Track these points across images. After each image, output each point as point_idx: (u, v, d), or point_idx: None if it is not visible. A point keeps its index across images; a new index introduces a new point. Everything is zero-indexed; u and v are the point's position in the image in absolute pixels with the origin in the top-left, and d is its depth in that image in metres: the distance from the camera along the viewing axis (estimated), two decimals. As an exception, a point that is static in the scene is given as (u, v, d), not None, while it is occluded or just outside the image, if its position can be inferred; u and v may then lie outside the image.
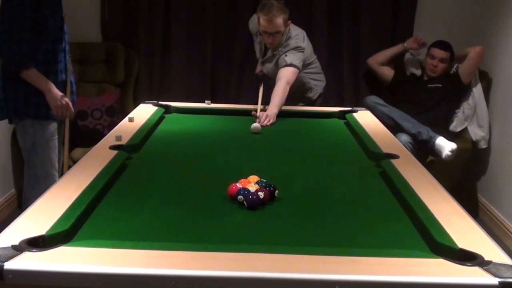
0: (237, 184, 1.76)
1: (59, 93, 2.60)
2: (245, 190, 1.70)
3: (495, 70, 3.91)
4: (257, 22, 3.31)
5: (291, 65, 3.23)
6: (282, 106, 3.11)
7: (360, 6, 4.20)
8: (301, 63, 3.29)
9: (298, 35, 3.36)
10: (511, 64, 3.66)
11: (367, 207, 1.78)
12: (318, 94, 3.71)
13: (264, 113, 2.96)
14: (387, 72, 4.10)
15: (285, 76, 3.20)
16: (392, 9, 4.25)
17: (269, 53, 3.46)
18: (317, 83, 3.69)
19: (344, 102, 4.17)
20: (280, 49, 3.32)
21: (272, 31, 3.20)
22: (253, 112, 3.06)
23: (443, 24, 4.25)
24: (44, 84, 2.56)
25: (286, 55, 3.28)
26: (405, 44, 4.06)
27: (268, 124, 2.91)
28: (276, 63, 3.36)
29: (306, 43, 3.40)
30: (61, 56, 2.66)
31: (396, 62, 4.17)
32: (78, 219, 1.50)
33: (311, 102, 3.66)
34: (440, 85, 3.88)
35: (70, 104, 2.66)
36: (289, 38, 3.31)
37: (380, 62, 4.11)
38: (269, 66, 3.49)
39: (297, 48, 3.30)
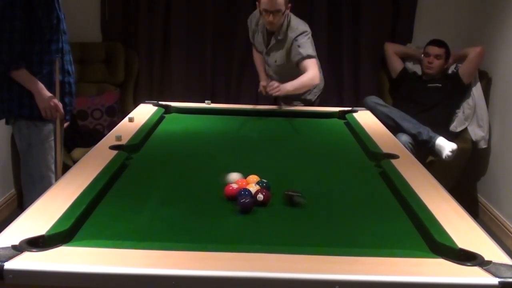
0: (233, 185, 1.76)
1: (48, 94, 2.56)
2: (245, 190, 1.70)
3: (495, 70, 3.91)
4: (257, 12, 3.34)
5: (308, 57, 3.26)
6: (295, 91, 3.21)
7: (360, 6, 4.21)
8: (314, 50, 3.33)
9: (300, 22, 3.40)
10: (511, 64, 3.66)
11: (367, 207, 1.78)
12: (316, 96, 3.71)
13: (276, 83, 2.98)
14: (397, 64, 4.10)
15: (313, 70, 3.24)
16: (392, 9, 4.25)
17: (273, 41, 3.43)
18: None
19: (344, 102, 4.17)
20: (288, 33, 3.32)
21: (273, 9, 3.20)
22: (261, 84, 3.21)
23: (443, 24, 4.25)
24: (33, 85, 2.53)
25: (299, 46, 3.27)
26: (422, 55, 3.98)
27: (273, 93, 2.96)
28: (287, 50, 3.35)
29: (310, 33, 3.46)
30: (57, 57, 2.62)
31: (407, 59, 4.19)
32: (78, 219, 1.50)
33: (310, 104, 3.66)
34: (440, 85, 3.88)
35: (60, 106, 2.62)
36: (292, 22, 3.34)
37: (396, 51, 4.12)
38: (276, 55, 3.45)
39: (305, 33, 3.32)
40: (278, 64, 3.46)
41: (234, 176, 1.86)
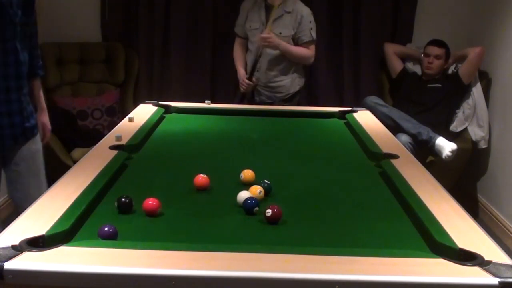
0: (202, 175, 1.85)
1: None
2: (252, 199, 1.67)
3: (495, 70, 3.91)
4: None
5: (314, 41, 3.63)
6: (288, 53, 3.56)
7: (360, 6, 4.21)
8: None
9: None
10: (511, 64, 3.66)
11: (367, 207, 1.78)
12: (296, 91, 3.75)
13: (271, 35, 3.44)
14: (397, 64, 4.10)
15: (313, 52, 3.66)
16: (392, 9, 4.25)
17: (279, 12, 3.55)
18: (296, 76, 3.75)
19: (344, 102, 4.17)
20: (297, 7, 3.58)
21: None
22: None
23: (443, 24, 4.25)
24: None
25: (311, 29, 3.59)
26: (422, 56, 3.99)
27: (265, 39, 3.42)
28: (297, 22, 3.56)
29: None
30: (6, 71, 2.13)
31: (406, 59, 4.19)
32: (78, 219, 1.50)
33: (286, 99, 3.73)
34: (440, 85, 3.88)
35: None
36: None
37: (395, 51, 4.12)
38: (280, 27, 3.58)
39: (312, 16, 3.62)
40: (284, 35, 3.60)
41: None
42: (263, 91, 3.73)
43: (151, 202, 1.62)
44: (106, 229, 1.44)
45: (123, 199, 1.64)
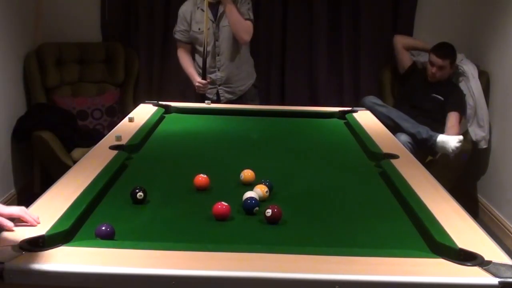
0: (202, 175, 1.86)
1: None
2: (252, 199, 1.67)
3: (495, 70, 3.91)
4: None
5: (252, 21, 3.54)
6: (230, 13, 3.44)
7: (360, 7, 4.20)
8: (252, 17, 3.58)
9: None
10: (511, 64, 3.66)
11: (367, 207, 1.78)
12: (253, 82, 3.74)
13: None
14: (405, 59, 4.04)
15: (251, 31, 3.54)
16: (392, 9, 4.25)
17: (221, 9, 3.53)
18: (249, 66, 3.75)
19: (344, 102, 4.16)
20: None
21: None
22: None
23: (443, 24, 4.25)
24: None
25: (249, 9, 3.53)
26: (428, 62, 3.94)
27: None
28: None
29: None
30: None
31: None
32: (78, 219, 1.50)
33: (248, 91, 3.71)
34: (442, 99, 3.81)
35: None
36: None
37: (405, 45, 4.07)
38: (225, 24, 3.55)
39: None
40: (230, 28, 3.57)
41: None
42: (226, 88, 3.67)
43: (220, 206, 1.60)
44: (103, 228, 1.44)
45: (136, 190, 1.69)
